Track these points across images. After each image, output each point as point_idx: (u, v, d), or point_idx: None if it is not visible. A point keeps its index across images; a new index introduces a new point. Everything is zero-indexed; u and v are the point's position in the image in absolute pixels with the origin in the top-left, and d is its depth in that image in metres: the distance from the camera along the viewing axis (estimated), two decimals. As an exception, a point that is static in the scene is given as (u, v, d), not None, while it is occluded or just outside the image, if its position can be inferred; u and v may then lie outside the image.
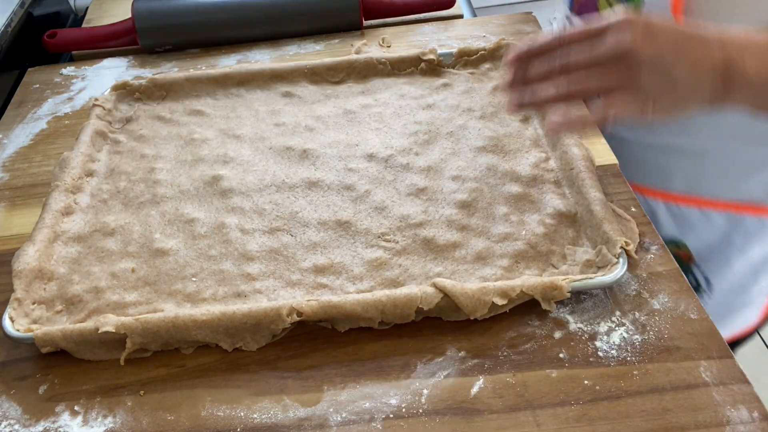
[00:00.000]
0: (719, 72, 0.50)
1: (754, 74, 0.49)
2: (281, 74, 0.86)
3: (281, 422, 0.51)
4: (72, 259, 0.64)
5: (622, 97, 0.51)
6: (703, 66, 0.50)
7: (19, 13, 1.01)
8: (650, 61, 0.49)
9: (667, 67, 0.49)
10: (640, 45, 0.49)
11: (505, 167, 0.70)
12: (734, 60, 0.49)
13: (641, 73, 0.50)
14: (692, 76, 0.50)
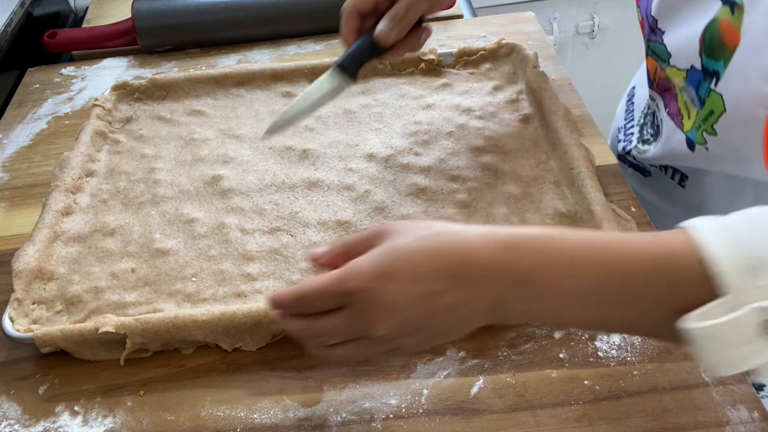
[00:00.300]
0: (484, 315, 0.44)
1: (521, 313, 0.45)
2: (281, 74, 0.86)
3: (281, 422, 0.51)
4: (72, 259, 0.64)
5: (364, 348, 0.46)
6: (459, 317, 0.44)
7: (19, 13, 1.01)
8: (391, 338, 0.44)
9: (414, 334, 0.44)
10: (380, 328, 0.43)
11: (504, 167, 0.70)
12: (504, 302, 0.43)
13: (384, 345, 0.45)
14: (445, 335, 0.46)
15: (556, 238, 0.43)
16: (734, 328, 0.37)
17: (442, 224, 0.45)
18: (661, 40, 0.67)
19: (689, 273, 0.39)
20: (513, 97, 0.80)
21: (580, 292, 0.42)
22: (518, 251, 0.42)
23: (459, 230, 0.44)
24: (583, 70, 1.80)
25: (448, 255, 0.43)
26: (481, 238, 0.43)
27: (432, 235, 0.44)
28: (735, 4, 0.56)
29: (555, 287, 0.42)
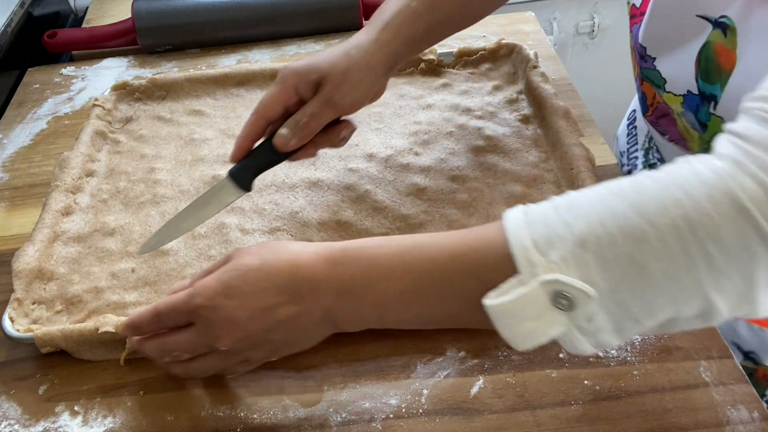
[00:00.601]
0: (323, 325, 0.47)
1: (353, 321, 0.47)
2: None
3: (281, 422, 0.51)
4: (72, 259, 0.64)
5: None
6: (299, 329, 0.47)
7: (19, 13, 1.01)
8: (238, 350, 0.47)
9: (259, 346, 0.47)
10: (224, 342, 0.46)
11: (505, 167, 0.70)
12: (334, 312, 0.46)
13: (233, 358, 0.48)
14: (291, 345, 0.48)
15: (376, 247, 0.46)
16: (526, 301, 0.40)
17: (284, 244, 0.49)
18: (654, 67, 0.67)
19: (494, 260, 0.42)
20: (513, 97, 0.80)
21: (398, 294, 0.45)
22: (341, 264, 0.46)
23: (295, 248, 0.48)
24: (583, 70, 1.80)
25: (281, 271, 0.46)
26: (311, 255, 0.47)
27: (270, 254, 0.47)
28: (727, 26, 0.56)
29: (375, 293, 0.45)
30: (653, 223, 0.38)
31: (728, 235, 0.37)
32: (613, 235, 0.39)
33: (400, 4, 0.62)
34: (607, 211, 0.40)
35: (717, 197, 0.37)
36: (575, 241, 0.39)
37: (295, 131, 0.58)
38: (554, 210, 0.42)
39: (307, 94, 0.59)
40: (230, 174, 0.60)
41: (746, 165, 0.37)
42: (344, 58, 0.60)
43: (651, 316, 0.39)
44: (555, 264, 0.39)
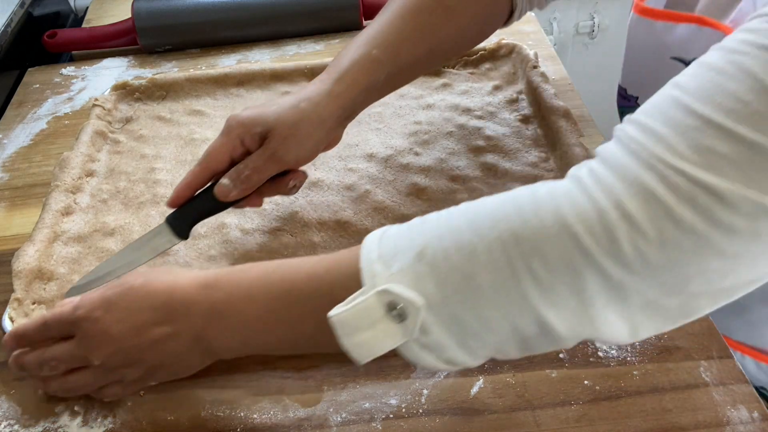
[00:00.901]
0: (195, 350, 0.48)
1: (221, 347, 0.48)
2: (281, 74, 0.86)
3: (281, 422, 0.51)
4: (72, 259, 0.64)
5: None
6: (172, 351, 0.47)
7: (19, 13, 1.01)
8: (112, 367, 0.48)
9: (133, 365, 0.48)
10: (97, 355, 0.47)
11: (505, 167, 0.70)
12: (203, 336, 0.47)
13: (108, 376, 0.49)
14: (164, 369, 0.49)
15: (242, 272, 0.48)
16: (363, 311, 0.41)
17: (171, 269, 0.50)
18: (637, 106, 0.64)
19: (345, 277, 0.43)
20: (513, 97, 0.80)
21: (259, 317, 0.46)
22: (212, 288, 0.47)
23: (178, 273, 0.49)
24: (583, 70, 1.80)
25: (160, 292, 0.47)
26: (189, 279, 0.48)
27: (154, 276, 0.48)
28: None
29: (238, 317, 0.46)
30: (482, 236, 0.39)
31: (551, 251, 0.37)
32: (447, 248, 0.40)
33: (359, 51, 0.60)
34: (447, 227, 0.41)
35: (543, 213, 0.38)
36: (414, 254, 0.40)
37: (236, 183, 0.57)
38: (408, 227, 0.43)
39: (252, 145, 0.57)
40: (167, 220, 0.58)
41: (586, 184, 0.38)
42: (293, 111, 0.57)
43: (489, 330, 0.40)
44: (393, 275, 0.40)
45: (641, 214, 0.36)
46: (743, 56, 0.36)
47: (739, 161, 0.35)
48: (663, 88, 0.40)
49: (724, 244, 0.36)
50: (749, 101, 0.35)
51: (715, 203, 0.35)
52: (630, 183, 0.36)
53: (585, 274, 0.37)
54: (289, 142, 0.57)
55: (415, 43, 0.61)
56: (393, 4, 0.63)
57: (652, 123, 0.38)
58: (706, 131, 0.36)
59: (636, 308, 0.38)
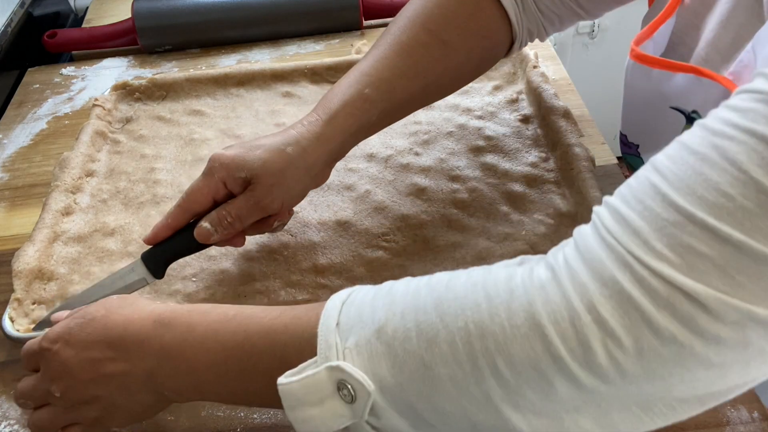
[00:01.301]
0: (148, 390, 0.46)
1: (173, 389, 0.46)
2: (281, 74, 0.86)
3: (281, 422, 0.51)
4: (72, 259, 0.64)
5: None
6: (125, 389, 0.46)
7: (19, 13, 1.01)
8: (69, 403, 0.47)
9: (90, 403, 0.46)
10: (56, 388, 0.46)
11: (505, 167, 0.70)
12: (154, 376, 0.45)
13: (67, 414, 0.47)
14: (121, 411, 0.47)
15: (199, 314, 0.45)
16: (312, 385, 0.38)
17: (134, 300, 0.48)
18: (638, 154, 0.62)
19: (299, 340, 0.40)
20: (513, 97, 0.80)
21: (209, 366, 0.44)
22: (166, 326, 0.45)
23: (138, 305, 0.47)
24: (583, 70, 1.80)
25: (113, 326, 0.46)
26: (146, 313, 0.46)
27: (115, 307, 0.47)
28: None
29: (188, 362, 0.44)
30: (446, 323, 0.36)
31: (518, 352, 0.34)
32: (408, 330, 0.37)
33: (351, 90, 0.57)
34: (413, 303, 0.38)
35: (515, 308, 0.34)
36: (373, 329, 0.38)
37: (218, 228, 0.55)
38: (373, 295, 0.40)
39: (235, 188, 0.55)
40: (143, 258, 0.56)
41: (561, 278, 0.34)
42: (279, 156, 0.54)
43: (446, 424, 0.37)
44: (348, 350, 0.38)
45: (616, 319, 0.32)
46: (728, 141, 0.32)
47: (723, 264, 0.31)
48: (642, 170, 0.36)
49: (709, 354, 0.32)
50: (734, 195, 0.31)
51: (697, 311, 0.31)
52: (604, 283, 0.33)
53: (554, 379, 0.34)
54: (275, 190, 0.54)
55: (410, 80, 0.59)
56: (386, 38, 0.60)
57: (629, 213, 0.34)
58: (686, 228, 0.32)
59: (613, 413, 0.34)
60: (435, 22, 0.59)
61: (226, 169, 0.54)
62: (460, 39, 0.60)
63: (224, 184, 0.55)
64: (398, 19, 0.61)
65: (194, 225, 0.55)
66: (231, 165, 0.54)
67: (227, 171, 0.54)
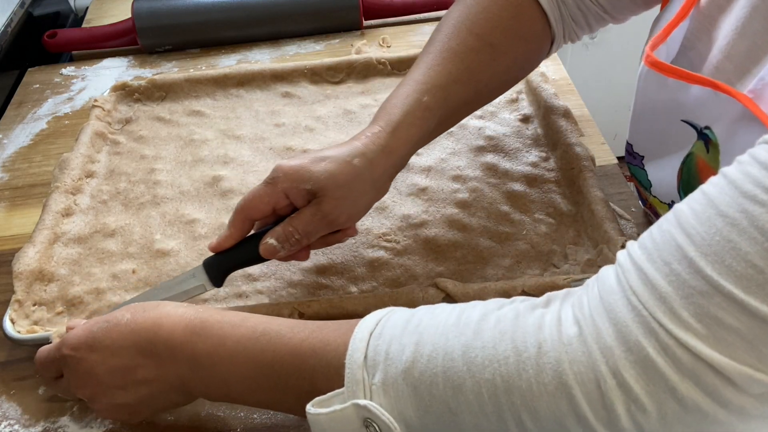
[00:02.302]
0: (181, 392, 0.47)
1: (205, 394, 0.47)
2: (281, 74, 0.86)
3: (281, 422, 0.51)
4: (72, 261, 0.64)
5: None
6: (157, 392, 0.47)
7: (19, 13, 1.01)
8: (96, 403, 0.48)
9: (116, 404, 0.47)
10: (83, 394, 0.48)
11: (505, 167, 0.70)
12: (188, 382, 0.46)
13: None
14: (149, 409, 0.48)
15: (230, 326, 0.45)
16: (339, 419, 0.39)
17: (159, 304, 0.48)
18: (642, 165, 0.60)
19: (327, 367, 0.41)
20: (513, 96, 0.80)
21: (240, 379, 0.44)
22: (198, 335, 0.45)
23: (165, 310, 0.47)
24: (583, 70, 1.80)
25: (141, 330, 0.46)
26: (176, 318, 0.46)
27: (141, 311, 0.47)
28: (709, 140, 0.49)
29: (220, 375, 0.45)
30: (473, 373, 0.36)
31: (544, 409, 0.34)
32: (435, 375, 0.37)
33: (410, 99, 0.56)
34: (442, 345, 0.38)
35: (543, 365, 0.35)
36: (400, 369, 0.38)
37: (285, 245, 0.53)
38: (402, 327, 0.40)
39: (298, 201, 0.53)
40: (204, 264, 0.55)
41: (587, 338, 0.34)
42: (345, 168, 0.52)
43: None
44: (375, 387, 0.38)
45: (640, 385, 0.33)
46: (759, 208, 0.31)
47: (751, 338, 0.31)
48: (666, 222, 0.36)
49: (733, 421, 0.32)
50: (763, 268, 0.30)
51: (722, 383, 0.31)
52: (629, 348, 0.33)
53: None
54: (342, 204, 0.53)
55: (464, 85, 0.58)
56: (434, 45, 0.59)
57: (655, 276, 0.34)
58: (714, 298, 0.32)
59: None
60: (481, 27, 0.59)
61: (290, 180, 0.52)
62: (506, 42, 0.60)
63: (286, 195, 0.52)
64: (443, 26, 0.61)
65: (257, 236, 0.54)
66: (295, 176, 0.52)
67: (291, 182, 0.52)
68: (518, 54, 0.62)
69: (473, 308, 0.40)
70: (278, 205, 0.53)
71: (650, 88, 0.54)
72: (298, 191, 0.52)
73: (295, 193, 0.52)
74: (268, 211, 0.53)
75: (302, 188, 0.52)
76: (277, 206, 0.53)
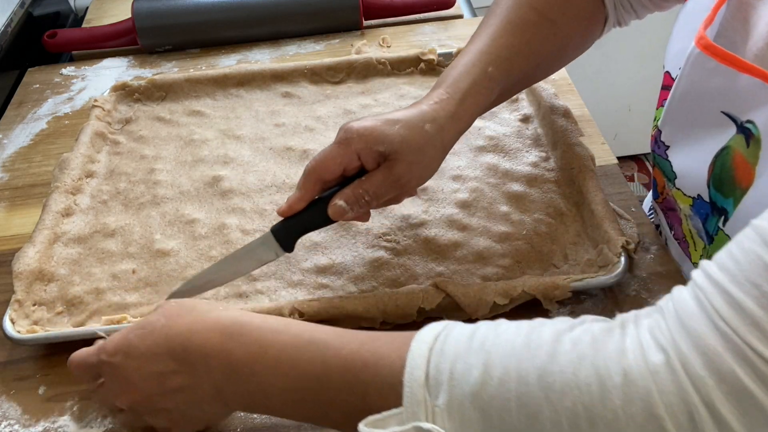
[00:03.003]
0: (217, 403, 0.45)
1: (243, 405, 0.45)
2: (281, 74, 0.86)
3: (281, 422, 0.51)
4: (72, 261, 0.64)
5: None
6: (193, 401, 0.45)
7: (19, 13, 1.01)
8: (138, 413, 0.47)
9: (159, 414, 0.46)
10: (121, 402, 0.46)
11: (505, 167, 0.70)
12: (223, 391, 0.44)
13: (138, 422, 0.48)
14: (191, 420, 0.47)
15: (272, 333, 0.44)
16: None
17: (197, 304, 0.47)
18: (666, 156, 0.57)
19: (381, 383, 0.39)
20: (513, 97, 0.80)
21: (282, 391, 0.43)
22: (235, 340, 0.44)
23: (201, 311, 0.46)
24: (583, 70, 1.80)
25: (175, 336, 0.45)
26: (209, 322, 0.45)
27: (176, 315, 0.46)
28: (751, 134, 0.46)
29: (260, 383, 0.43)
30: (552, 401, 0.34)
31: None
32: (508, 400, 0.35)
33: (476, 68, 0.56)
34: (514, 367, 0.36)
35: (631, 395, 0.33)
36: (468, 392, 0.36)
37: (354, 207, 0.52)
38: (468, 342, 0.38)
39: (368, 162, 0.52)
40: (273, 231, 0.55)
41: (675, 368, 0.33)
42: (418, 132, 0.52)
43: None
44: (439, 409, 0.36)
45: (736, 418, 0.31)
46: None
47: None
48: (746, 238, 0.34)
49: None
50: None
51: None
52: (722, 378, 0.31)
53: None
54: (415, 168, 0.53)
55: (525, 59, 0.58)
56: (493, 18, 0.59)
57: (744, 299, 0.32)
58: None
59: None
60: (540, 2, 0.60)
61: (364, 141, 0.51)
62: (564, 19, 0.60)
63: (358, 156, 0.52)
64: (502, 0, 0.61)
65: (322, 199, 0.54)
66: (370, 138, 0.51)
67: (365, 143, 0.51)
68: (575, 31, 0.62)
69: (542, 327, 0.38)
70: (349, 166, 0.52)
71: (696, 72, 0.51)
72: (370, 152, 0.52)
73: (366, 154, 0.52)
74: (339, 171, 0.53)
75: (375, 150, 0.52)
76: (348, 167, 0.52)
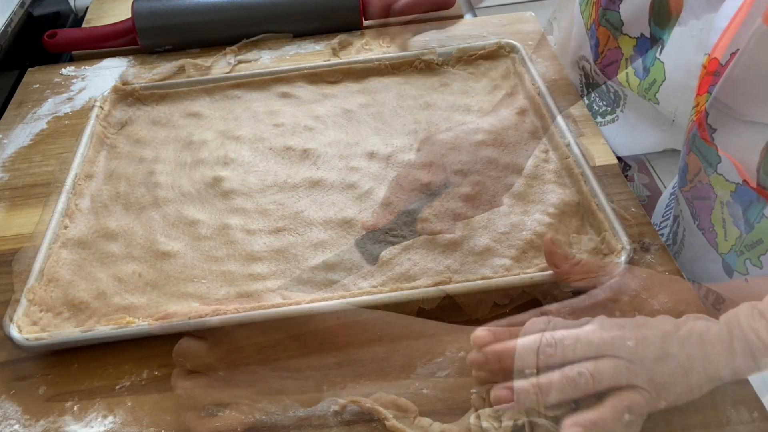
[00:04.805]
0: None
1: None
2: (280, 75, 0.86)
3: (281, 422, 0.51)
4: (74, 263, 0.64)
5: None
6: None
7: (19, 13, 1.01)
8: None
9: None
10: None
11: (506, 160, 0.70)
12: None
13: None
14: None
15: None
16: None
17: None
18: (711, 139, 0.56)
19: None
20: (511, 92, 0.80)
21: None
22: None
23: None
24: (583, 70, 1.80)
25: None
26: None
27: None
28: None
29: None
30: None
31: None
32: None
33: None
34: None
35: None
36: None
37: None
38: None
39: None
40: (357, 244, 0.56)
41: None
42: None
43: None
44: None
45: None
46: None
47: None
48: None
49: None
50: None
51: None
52: None
53: None
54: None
55: None
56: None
57: None
58: None
59: None
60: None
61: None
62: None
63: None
64: None
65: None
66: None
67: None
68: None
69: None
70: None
71: (763, 51, 0.49)
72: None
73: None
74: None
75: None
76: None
